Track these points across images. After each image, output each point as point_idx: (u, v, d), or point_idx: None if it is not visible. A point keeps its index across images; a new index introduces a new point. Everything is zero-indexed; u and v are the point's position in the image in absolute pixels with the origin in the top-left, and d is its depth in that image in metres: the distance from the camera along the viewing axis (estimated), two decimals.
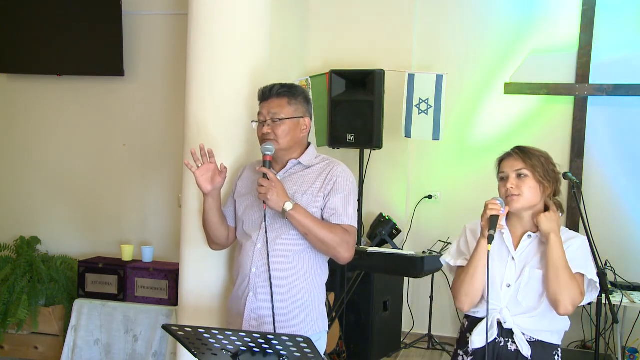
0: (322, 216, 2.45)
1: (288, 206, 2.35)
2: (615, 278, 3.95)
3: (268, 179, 2.36)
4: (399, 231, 4.66)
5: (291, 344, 1.83)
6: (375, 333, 4.20)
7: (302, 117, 2.52)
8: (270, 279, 2.39)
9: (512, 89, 4.53)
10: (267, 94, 2.51)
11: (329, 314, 4.02)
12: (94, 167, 4.71)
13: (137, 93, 4.63)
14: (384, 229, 4.56)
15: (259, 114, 2.52)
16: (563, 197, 4.47)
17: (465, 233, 2.35)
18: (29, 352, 4.28)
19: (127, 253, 4.23)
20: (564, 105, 4.52)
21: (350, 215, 2.45)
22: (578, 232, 4.38)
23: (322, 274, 2.56)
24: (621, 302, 3.61)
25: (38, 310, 4.17)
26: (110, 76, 4.57)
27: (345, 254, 2.44)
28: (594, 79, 4.43)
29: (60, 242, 4.70)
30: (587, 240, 2.26)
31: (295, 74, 4.77)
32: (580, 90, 4.43)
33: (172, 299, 3.91)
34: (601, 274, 2.94)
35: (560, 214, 2.29)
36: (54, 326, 4.25)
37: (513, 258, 2.21)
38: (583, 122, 4.46)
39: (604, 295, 2.95)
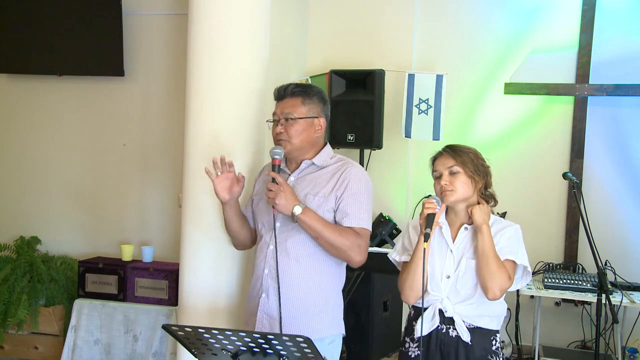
0: (334, 218, 2.42)
1: (297, 210, 2.33)
2: (615, 278, 3.95)
3: (277, 183, 2.35)
4: (399, 231, 4.66)
5: (291, 344, 1.83)
6: (375, 333, 4.19)
7: (316, 117, 2.50)
8: (278, 281, 2.39)
9: (512, 89, 4.52)
10: (282, 93, 2.50)
11: None
12: (94, 167, 4.71)
13: (137, 93, 4.64)
14: (384, 229, 4.56)
15: (274, 113, 2.52)
16: (563, 197, 4.53)
17: (409, 230, 2.48)
18: (29, 352, 4.28)
19: (127, 253, 4.23)
20: (564, 105, 4.52)
21: (362, 217, 2.42)
22: (578, 232, 4.43)
23: (336, 277, 2.52)
24: (621, 302, 3.61)
25: (38, 310, 4.17)
26: (110, 76, 4.57)
27: (357, 257, 2.42)
28: (594, 79, 4.42)
29: (60, 242, 4.70)
30: (519, 229, 2.37)
31: (295, 74, 4.77)
32: (580, 90, 4.43)
33: (172, 299, 3.91)
34: (601, 274, 2.94)
35: (493, 205, 2.42)
36: (54, 326, 4.25)
37: (451, 250, 2.35)
38: (583, 122, 4.45)
39: (604, 295, 2.94)
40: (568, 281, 3.89)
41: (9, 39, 4.64)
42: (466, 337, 2.30)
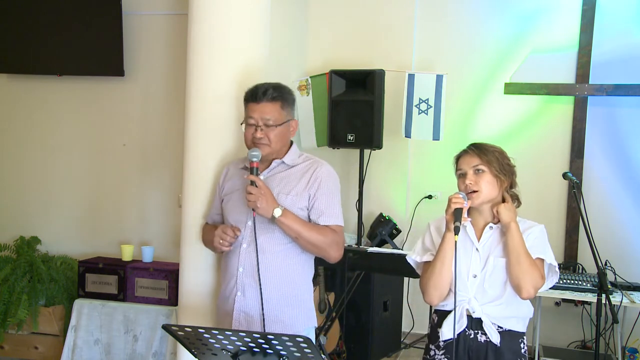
0: (308, 217, 2.47)
1: (277, 212, 2.38)
2: (615, 278, 3.94)
3: (256, 186, 2.37)
4: (399, 231, 4.66)
5: (291, 344, 1.83)
6: (375, 333, 4.20)
7: (291, 119, 2.56)
8: (259, 278, 2.42)
9: (512, 89, 4.53)
10: (260, 97, 2.47)
11: (328, 314, 4.03)
12: (94, 167, 4.71)
13: (137, 93, 4.64)
14: (384, 229, 4.56)
15: (249, 117, 2.50)
16: (563, 197, 4.53)
17: (430, 230, 2.43)
18: (29, 352, 4.28)
19: (127, 253, 4.23)
20: (564, 105, 4.52)
21: (337, 215, 2.49)
22: (578, 232, 4.44)
23: (309, 270, 2.59)
24: (621, 302, 3.61)
25: (38, 310, 4.17)
26: (110, 76, 4.57)
27: (335, 254, 2.49)
28: (594, 79, 4.43)
29: (60, 242, 4.70)
30: (544, 229, 2.33)
31: (295, 74, 4.77)
32: (580, 90, 4.43)
33: (172, 299, 3.91)
34: (601, 274, 2.94)
35: (516, 205, 2.37)
36: (54, 326, 4.25)
37: (477, 249, 2.29)
38: (583, 122, 4.46)
39: (604, 295, 2.94)
40: (568, 281, 3.89)
41: (9, 39, 4.63)
42: (495, 338, 2.24)
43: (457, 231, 2.17)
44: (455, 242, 2.17)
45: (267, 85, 2.51)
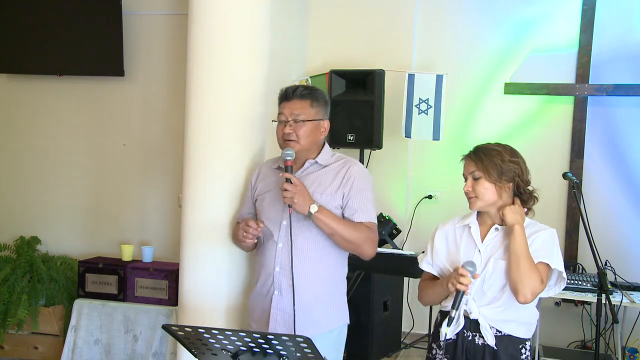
0: (342, 215, 2.50)
1: (314, 209, 2.41)
2: (615, 278, 3.94)
3: (292, 184, 2.39)
4: (399, 231, 4.66)
5: (291, 344, 1.83)
6: (375, 333, 4.19)
7: (322, 119, 2.58)
8: (292, 277, 2.44)
9: (512, 89, 4.53)
10: (290, 95, 2.55)
11: None
12: (94, 167, 4.71)
13: (137, 93, 4.64)
14: (384, 229, 4.56)
15: (280, 113, 2.56)
16: (563, 197, 4.53)
17: (434, 237, 2.42)
18: (29, 352, 4.28)
19: (127, 253, 4.23)
20: (564, 105, 4.52)
21: (370, 212, 2.53)
22: (578, 232, 4.43)
23: (343, 268, 2.62)
24: (621, 302, 3.61)
25: (38, 310, 4.17)
26: (110, 76, 4.57)
27: (370, 251, 2.53)
28: (594, 79, 4.42)
29: (60, 242, 4.70)
30: (555, 233, 2.31)
31: (295, 74, 4.77)
32: (580, 90, 4.43)
33: (172, 299, 3.91)
34: (601, 274, 2.94)
35: (532, 203, 2.36)
36: (54, 326, 4.25)
37: (479, 250, 2.29)
38: (583, 122, 4.45)
39: (604, 295, 2.94)
40: (568, 281, 3.88)
41: (9, 39, 4.63)
42: (491, 340, 2.23)
43: (450, 322, 2.20)
44: (446, 333, 2.25)
45: (298, 85, 2.62)
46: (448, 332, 2.27)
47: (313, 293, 2.48)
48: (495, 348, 2.24)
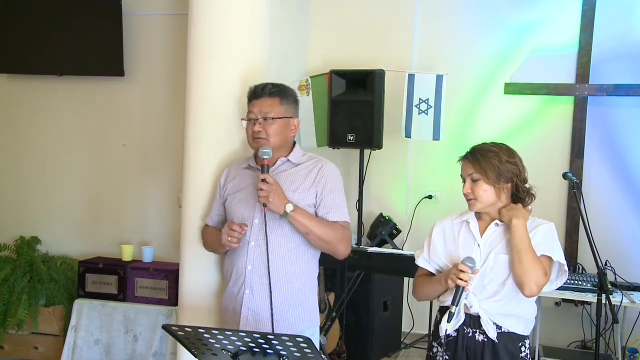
0: (315, 213, 2.51)
1: (289, 208, 2.41)
2: (615, 278, 3.94)
3: (267, 183, 2.39)
4: (399, 231, 4.66)
5: (291, 344, 1.83)
6: (375, 333, 4.20)
7: (291, 117, 2.58)
8: (269, 276, 2.43)
9: (512, 89, 4.53)
10: (259, 93, 2.55)
11: (328, 314, 4.03)
12: (94, 167, 4.72)
13: (137, 93, 4.64)
14: (384, 229, 4.56)
15: (250, 112, 2.56)
16: (563, 197, 4.53)
17: (432, 234, 2.44)
18: (29, 352, 4.28)
19: (127, 253, 4.23)
20: (564, 105, 4.52)
21: (344, 211, 2.55)
22: (578, 232, 4.43)
23: (314, 268, 2.62)
24: (621, 302, 3.61)
25: (38, 310, 4.17)
26: (110, 76, 4.57)
27: (345, 250, 2.53)
28: (594, 79, 4.42)
29: (60, 242, 4.70)
30: (553, 227, 2.33)
31: (295, 74, 4.77)
32: (580, 90, 4.43)
33: (172, 299, 3.91)
34: (601, 274, 2.94)
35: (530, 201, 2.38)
36: (54, 326, 4.25)
37: (479, 245, 2.30)
38: (583, 122, 4.45)
39: (604, 295, 2.94)
40: (568, 281, 3.89)
41: (9, 39, 4.63)
42: (492, 334, 2.24)
43: (450, 317, 2.20)
44: (446, 329, 2.25)
45: (267, 83, 2.58)
46: (448, 327, 2.27)
47: (284, 291, 2.48)
48: (497, 341, 2.24)
